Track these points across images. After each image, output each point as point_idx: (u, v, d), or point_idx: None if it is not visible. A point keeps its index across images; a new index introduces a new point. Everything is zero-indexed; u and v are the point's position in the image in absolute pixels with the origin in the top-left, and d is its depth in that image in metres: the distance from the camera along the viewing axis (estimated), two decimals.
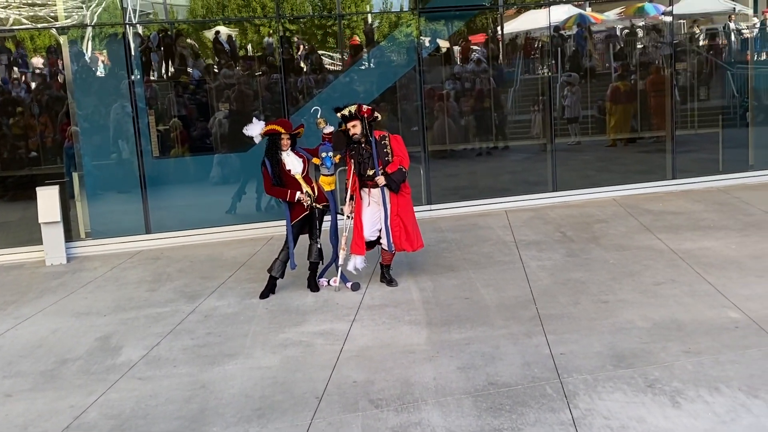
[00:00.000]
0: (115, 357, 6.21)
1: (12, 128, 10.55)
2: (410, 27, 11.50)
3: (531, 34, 13.10)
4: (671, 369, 5.25)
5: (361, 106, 7.38)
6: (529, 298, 6.95)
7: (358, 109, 7.33)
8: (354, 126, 7.36)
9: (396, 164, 7.40)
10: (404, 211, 7.52)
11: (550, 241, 9.01)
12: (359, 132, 7.36)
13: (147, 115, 10.44)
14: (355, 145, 7.43)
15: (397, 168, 7.40)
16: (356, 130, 7.36)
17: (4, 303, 7.99)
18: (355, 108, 7.34)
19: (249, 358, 6.00)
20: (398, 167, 7.40)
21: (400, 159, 7.42)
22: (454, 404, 4.93)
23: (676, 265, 7.68)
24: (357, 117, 7.35)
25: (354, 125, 7.36)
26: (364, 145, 7.40)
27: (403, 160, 7.45)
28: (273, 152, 7.42)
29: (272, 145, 7.42)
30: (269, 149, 7.43)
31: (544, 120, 12.14)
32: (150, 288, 8.20)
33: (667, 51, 12.38)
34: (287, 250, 7.50)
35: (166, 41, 11.28)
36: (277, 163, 7.41)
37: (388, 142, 7.44)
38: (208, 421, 4.96)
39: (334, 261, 7.76)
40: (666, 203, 10.68)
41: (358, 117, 7.35)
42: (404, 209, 7.52)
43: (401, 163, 7.43)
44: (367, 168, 7.43)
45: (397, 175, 7.40)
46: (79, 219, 10.28)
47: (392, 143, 7.45)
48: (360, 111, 7.33)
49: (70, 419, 5.11)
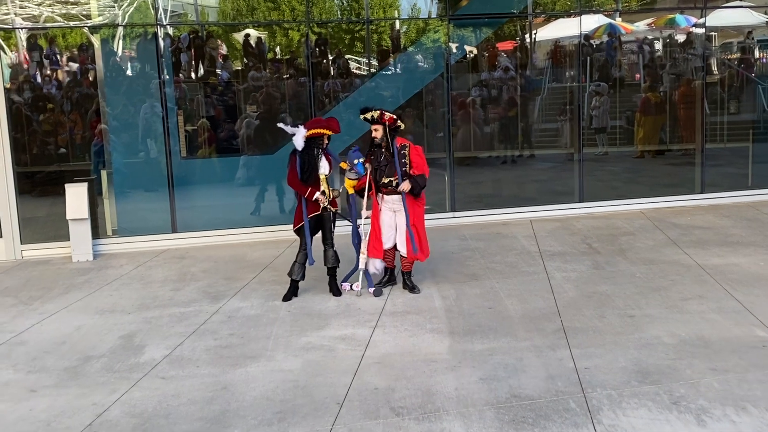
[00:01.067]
0: (138, 355, 6.24)
1: (42, 124, 10.67)
2: (438, 33, 11.49)
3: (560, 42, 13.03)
4: (697, 387, 5.18)
5: (384, 114, 7.39)
6: (553, 310, 6.89)
7: (380, 116, 7.36)
8: (376, 130, 7.43)
9: (417, 172, 7.40)
10: (419, 221, 7.54)
11: (575, 252, 8.95)
12: (380, 137, 7.42)
13: (176, 115, 10.52)
14: (375, 149, 7.47)
15: (420, 174, 7.40)
16: (377, 135, 7.43)
17: (30, 298, 8.07)
18: (378, 114, 7.36)
19: (271, 361, 6.00)
20: (421, 173, 7.40)
21: (418, 168, 7.41)
22: (476, 415, 4.90)
23: (704, 280, 7.59)
24: (379, 122, 7.38)
25: (376, 129, 7.43)
26: (384, 152, 7.43)
27: (423, 168, 7.44)
28: (312, 150, 7.40)
29: (313, 143, 7.40)
30: (308, 147, 7.39)
31: (571, 129, 12.06)
32: (174, 287, 8.25)
33: (698, 63, 12.26)
34: (304, 251, 7.51)
35: (197, 42, 11.35)
36: (312, 160, 7.40)
37: (407, 152, 7.43)
38: (229, 423, 4.97)
39: (357, 265, 7.76)
40: (694, 217, 10.57)
41: (381, 123, 7.38)
42: (419, 219, 7.54)
43: (422, 171, 7.42)
44: (383, 175, 7.44)
45: (421, 180, 7.41)
46: (107, 216, 10.37)
47: (411, 153, 7.44)
48: (382, 118, 7.36)
49: (92, 416, 5.14)
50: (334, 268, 7.67)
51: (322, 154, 7.46)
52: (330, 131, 7.41)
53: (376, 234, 7.56)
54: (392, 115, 7.44)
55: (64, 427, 5.00)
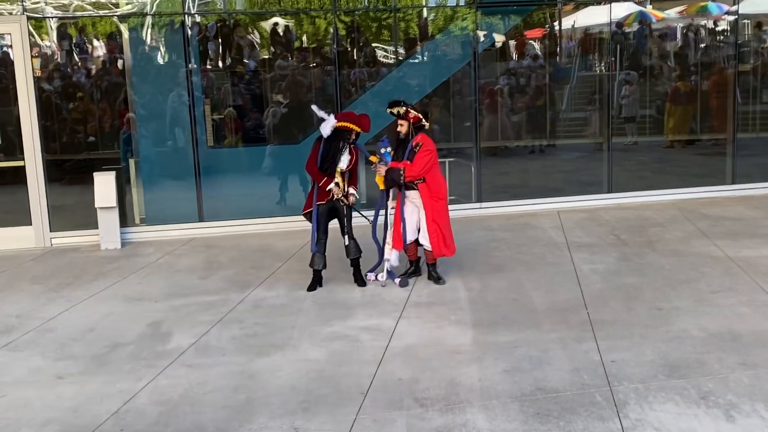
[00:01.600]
0: (165, 343, 6.30)
1: (72, 113, 10.77)
2: (466, 21, 11.39)
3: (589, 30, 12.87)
4: (726, 381, 5.11)
5: (409, 111, 7.43)
6: (579, 302, 6.83)
7: (405, 113, 7.43)
8: (401, 125, 7.50)
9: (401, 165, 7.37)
10: (440, 216, 7.50)
11: (603, 244, 8.86)
12: (404, 132, 7.49)
13: (203, 104, 10.56)
14: (399, 143, 7.54)
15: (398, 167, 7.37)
16: (402, 129, 7.50)
17: (58, 285, 8.17)
18: (404, 111, 7.42)
19: (296, 350, 6.02)
20: (399, 168, 7.36)
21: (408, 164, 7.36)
22: (500, 408, 4.87)
23: (734, 273, 7.48)
24: (404, 118, 7.46)
25: (401, 124, 7.50)
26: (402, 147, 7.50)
27: (412, 167, 7.36)
28: (337, 142, 7.41)
29: (340, 135, 7.41)
30: (335, 137, 7.40)
31: (600, 119, 11.92)
32: (201, 276, 8.30)
33: (730, 51, 12.05)
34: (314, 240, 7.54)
35: (224, 31, 11.37)
36: (335, 152, 7.41)
37: (417, 150, 7.41)
38: (254, 411, 5.00)
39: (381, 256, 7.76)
40: (724, 209, 10.41)
41: (406, 119, 7.45)
42: (439, 215, 7.50)
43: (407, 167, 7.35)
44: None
45: (393, 173, 7.40)
46: (135, 205, 10.47)
47: (419, 151, 7.40)
48: (407, 114, 7.42)
49: (119, 404, 5.19)
50: (356, 258, 7.67)
51: (348, 147, 7.45)
52: (359, 128, 7.40)
53: (397, 226, 7.57)
54: (417, 114, 7.46)
55: (92, 414, 5.06)
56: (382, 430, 4.66)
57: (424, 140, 7.48)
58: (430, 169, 7.44)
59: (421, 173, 7.39)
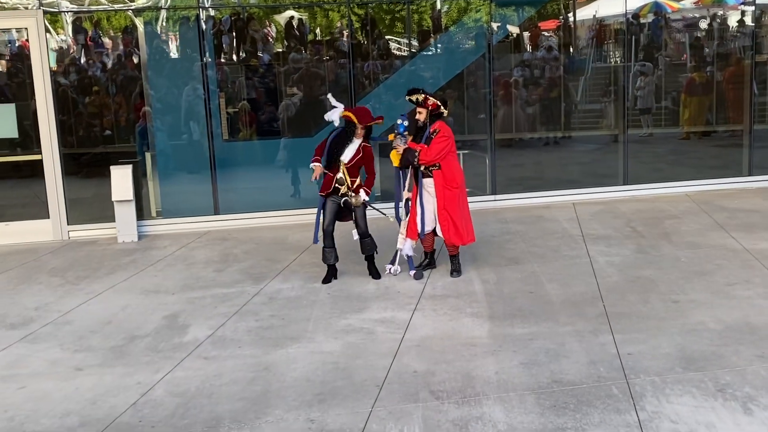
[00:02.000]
0: (182, 335, 6.34)
1: (88, 107, 10.83)
2: (480, 13, 11.35)
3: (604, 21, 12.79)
4: (743, 374, 5.08)
5: (428, 99, 7.44)
6: (596, 295, 6.82)
7: (424, 100, 7.44)
8: (420, 113, 7.50)
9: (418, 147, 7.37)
10: (451, 204, 7.47)
11: (619, 236, 8.82)
12: (423, 119, 7.49)
13: (218, 97, 10.59)
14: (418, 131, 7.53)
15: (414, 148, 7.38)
16: (421, 117, 7.50)
17: (76, 278, 8.24)
18: (422, 98, 7.44)
19: (311, 343, 6.05)
20: (415, 149, 7.36)
21: (425, 148, 7.35)
22: (516, 400, 4.88)
23: (751, 265, 7.43)
24: (423, 106, 7.47)
25: (420, 112, 7.50)
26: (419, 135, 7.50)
27: (427, 150, 7.34)
28: (345, 134, 7.48)
29: (347, 128, 7.48)
30: (345, 130, 7.50)
31: (616, 110, 11.86)
32: (217, 268, 8.34)
33: (747, 42, 11.93)
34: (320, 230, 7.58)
35: (238, 25, 11.39)
36: (340, 142, 7.48)
37: (434, 136, 7.41)
38: (270, 403, 5.03)
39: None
40: (741, 200, 10.34)
41: (424, 107, 7.46)
42: (450, 203, 7.47)
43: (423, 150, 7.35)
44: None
45: (408, 154, 7.41)
46: (151, 198, 10.52)
47: (435, 137, 7.39)
48: (425, 102, 7.43)
49: (137, 395, 5.24)
50: (371, 255, 7.67)
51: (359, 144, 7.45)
52: (355, 119, 7.40)
53: (413, 216, 7.57)
54: (436, 102, 7.47)
55: (109, 406, 5.10)
56: (398, 423, 4.68)
57: (442, 127, 7.47)
58: (446, 156, 7.42)
59: (436, 158, 7.37)
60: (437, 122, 7.47)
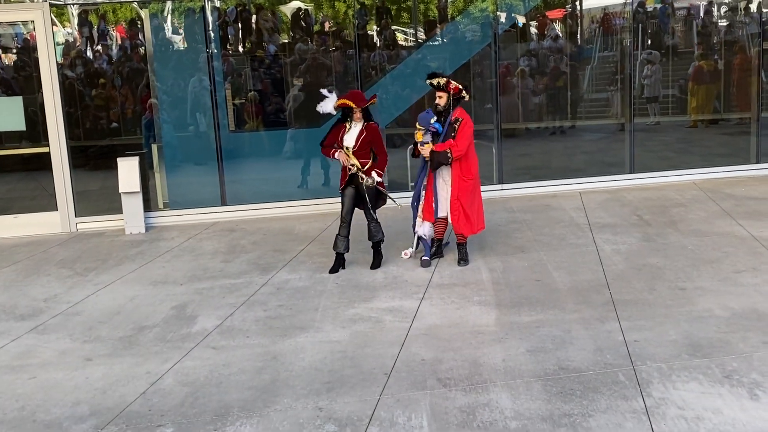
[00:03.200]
0: (190, 326, 6.38)
1: (94, 99, 10.87)
2: (486, 2, 11.32)
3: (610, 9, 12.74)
4: (750, 360, 5.09)
5: (450, 82, 7.37)
6: (602, 283, 6.82)
7: (446, 83, 7.36)
8: (440, 97, 7.41)
9: (446, 146, 7.34)
10: (464, 195, 7.48)
11: (625, 224, 8.82)
12: (443, 104, 7.40)
13: (224, 88, 10.61)
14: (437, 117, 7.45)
15: (443, 149, 7.34)
16: (441, 102, 7.41)
17: (85, 270, 8.28)
18: (444, 81, 7.36)
19: (319, 332, 6.08)
20: (446, 149, 7.33)
21: (454, 144, 7.33)
22: (523, 387, 4.90)
23: (758, 252, 7.42)
24: (445, 90, 7.37)
25: (440, 96, 7.40)
26: (443, 121, 7.40)
27: (457, 145, 7.32)
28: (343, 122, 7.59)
29: (345, 116, 7.57)
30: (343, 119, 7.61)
31: (622, 99, 11.83)
32: (225, 259, 8.38)
33: (754, 29, 11.87)
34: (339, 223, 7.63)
35: (244, 16, 11.40)
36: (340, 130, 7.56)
37: (458, 126, 7.38)
38: (279, 392, 5.06)
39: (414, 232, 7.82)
40: (748, 188, 10.31)
41: (446, 91, 7.37)
42: (464, 193, 7.48)
43: (453, 147, 7.32)
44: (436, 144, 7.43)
45: (440, 157, 7.37)
46: (158, 190, 10.55)
47: (461, 128, 7.37)
48: (448, 85, 7.35)
49: (146, 385, 5.28)
50: (377, 242, 7.68)
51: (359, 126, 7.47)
52: (350, 102, 7.43)
53: (429, 200, 7.59)
54: (458, 85, 7.39)
55: (119, 395, 5.15)
56: (405, 410, 4.70)
57: (463, 115, 7.45)
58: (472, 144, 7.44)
59: (466, 149, 7.38)
60: (458, 109, 7.44)
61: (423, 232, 7.68)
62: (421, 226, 7.69)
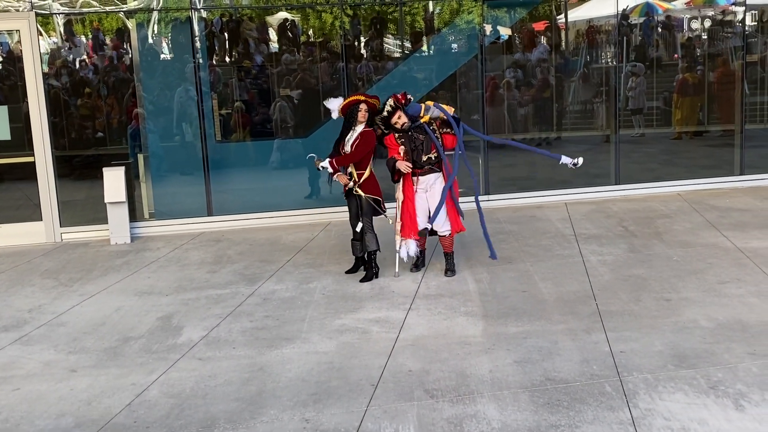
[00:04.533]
0: (176, 337, 6.34)
1: (80, 109, 10.82)
2: (472, 14, 11.39)
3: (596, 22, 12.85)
4: (735, 371, 5.12)
5: (395, 95, 7.37)
6: (588, 294, 6.85)
7: (395, 101, 7.32)
8: (399, 117, 7.35)
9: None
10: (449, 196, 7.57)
11: (611, 235, 8.86)
12: (402, 123, 7.35)
13: (211, 98, 10.60)
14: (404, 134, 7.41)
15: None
16: (401, 121, 7.36)
17: (69, 280, 8.23)
18: (393, 101, 7.32)
19: (306, 343, 6.06)
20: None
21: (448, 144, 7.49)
22: (510, 398, 4.90)
23: (743, 264, 7.48)
24: (399, 107, 7.33)
25: (399, 116, 7.35)
26: (412, 133, 7.40)
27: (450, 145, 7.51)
28: (346, 126, 7.45)
29: (348, 119, 7.42)
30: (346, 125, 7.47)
31: (607, 111, 11.92)
32: (211, 269, 8.34)
33: (738, 42, 12.01)
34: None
35: (230, 26, 11.40)
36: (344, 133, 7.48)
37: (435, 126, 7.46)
38: (265, 403, 5.03)
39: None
40: (733, 200, 10.40)
41: (399, 107, 7.33)
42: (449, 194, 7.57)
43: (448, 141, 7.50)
44: (422, 154, 7.41)
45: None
46: (144, 200, 10.51)
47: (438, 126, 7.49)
48: (398, 101, 7.33)
49: (132, 396, 5.24)
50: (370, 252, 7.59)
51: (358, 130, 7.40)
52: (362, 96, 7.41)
53: (411, 216, 7.54)
54: (401, 93, 7.40)
55: (104, 407, 5.10)
56: (393, 422, 4.69)
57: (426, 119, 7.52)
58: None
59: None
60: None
61: (411, 252, 7.58)
62: (404, 246, 7.55)
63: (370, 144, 7.43)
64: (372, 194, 7.49)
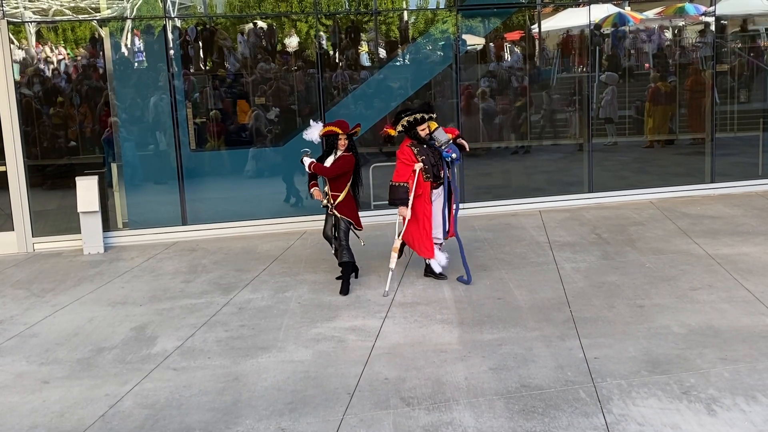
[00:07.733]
0: (150, 347, 6.29)
1: (52, 118, 10.71)
2: (447, 24, 11.46)
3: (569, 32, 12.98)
4: (707, 376, 5.18)
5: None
6: (562, 301, 6.90)
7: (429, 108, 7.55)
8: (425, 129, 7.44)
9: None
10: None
11: (584, 242, 8.94)
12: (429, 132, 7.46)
13: (185, 107, 10.55)
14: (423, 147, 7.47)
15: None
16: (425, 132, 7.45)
17: (42, 290, 8.13)
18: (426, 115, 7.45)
19: (282, 352, 6.04)
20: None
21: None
22: (485, 405, 4.92)
23: (714, 270, 7.58)
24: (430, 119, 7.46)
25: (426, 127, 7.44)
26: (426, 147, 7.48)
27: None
28: (328, 151, 7.59)
29: (329, 144, 7.57)
30: (327, 148, 7.60)
31: (580, 120, 12.03)
32: (185, 279, 8.29)
33: (708, 52, 12.19)
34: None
35: (205, 35, 11.37)
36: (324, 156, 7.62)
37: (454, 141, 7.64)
38: (241, 413, 5.01)
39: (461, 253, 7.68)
40: (704, 207, 10.53)
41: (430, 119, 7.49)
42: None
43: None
44: (440, 169, 7.51)
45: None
46: (117, 209, 10.42)
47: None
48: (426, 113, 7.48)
49: (105, 407, 5.19)
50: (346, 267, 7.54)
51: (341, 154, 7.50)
52: (337, 128, 7.49)
53: (428, 233, 7.52)
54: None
55: (77, 418, 5.05)
56: (369, 430, 4.69)
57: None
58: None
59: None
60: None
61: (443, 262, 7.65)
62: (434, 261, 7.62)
63: (346, 167, 7.52)
64: (347, 216, 7.52)
